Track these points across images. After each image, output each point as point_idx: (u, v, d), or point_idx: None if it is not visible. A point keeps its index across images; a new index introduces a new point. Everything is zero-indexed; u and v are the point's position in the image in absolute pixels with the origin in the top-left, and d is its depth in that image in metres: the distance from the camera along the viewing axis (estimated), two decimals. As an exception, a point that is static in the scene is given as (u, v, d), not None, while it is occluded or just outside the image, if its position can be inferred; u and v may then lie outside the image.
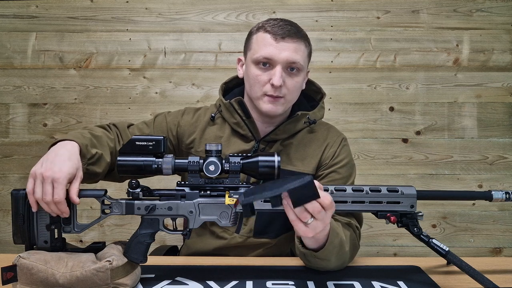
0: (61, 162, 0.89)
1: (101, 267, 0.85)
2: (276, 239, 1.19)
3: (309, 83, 1.24)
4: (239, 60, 1.17)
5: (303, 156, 1.15)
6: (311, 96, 1.25)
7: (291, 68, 1.06)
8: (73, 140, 0.95)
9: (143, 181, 0.94)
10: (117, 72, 2.08)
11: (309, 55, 1.12)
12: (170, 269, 1.03)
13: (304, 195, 0.77)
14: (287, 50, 1.03)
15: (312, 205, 0.78)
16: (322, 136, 1.19)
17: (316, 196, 0.77)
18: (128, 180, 0.93)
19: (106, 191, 0.95)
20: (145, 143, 0.90)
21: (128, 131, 1.19)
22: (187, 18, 2.07)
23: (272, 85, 1.04)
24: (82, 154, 0.95)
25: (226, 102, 1.16)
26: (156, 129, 1.21)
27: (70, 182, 0.90)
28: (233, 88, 1.25)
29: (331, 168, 1.15)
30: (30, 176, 0.88)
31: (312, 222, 0.79)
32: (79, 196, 0.93)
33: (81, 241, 2.09)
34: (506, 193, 0.94)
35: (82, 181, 0.95)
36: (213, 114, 1.19)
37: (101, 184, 2.23)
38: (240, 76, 1.17)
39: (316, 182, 0.82)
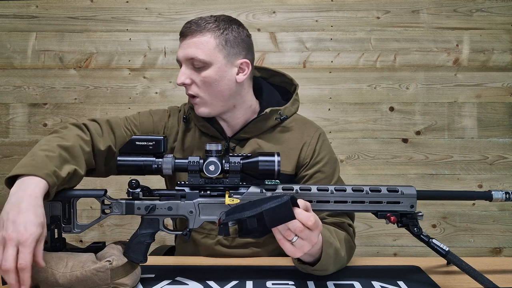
0: (26, 220, 0.75)
1: (101, 267, 0.85)
2: (262, 239, 1.17)
3: (281, 75, 1.20)
4: None
5: (281, 156, 1.12)
6: (286, 89, 1.21)
7: (194, 64, 1.03)
8: (37, 176, 0.82)
9: (143, 181, 0.94)
10: (117, 72, 2.08)
11: (222, 45, 1.03)
12: (170, 269, 1.03)
13: (280, 215, 0.77)
14: (187, 48, 1.02)
15: (293, 224, 0.78)
16: (298, 134, 1.14)
17: (291, 217, 0.77)
18: (128, 180, 0.93)
19: (106, 191, 0.95)
20: (145, 143, 0.90)
21: (122, 125, 1.13)
22: (187, 18, 2.04)
23: (177, 83, 1.05)
24: (48, 193, 0.84)
25: (189, 107, 1.17)
26: (142, 127, 1.16)
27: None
28: None
29: (314, 168, 1.11)
30: None
31: (298, 241, 0.79)
32: (79, 196, 0.92)
33: (81, 241, 2.09)
34: (506, 193, 0.94)
35: None
36: (185, 116, 1.18)
37: (101, 184, 2.23)
38: None
39: (302, 202, 0.82)
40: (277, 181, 0.90)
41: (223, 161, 0.90)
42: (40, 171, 0.83)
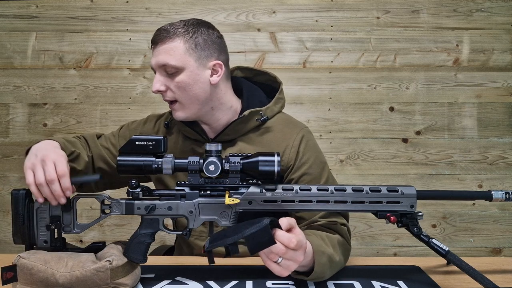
0: (52, 148, 0.94)
1: (101, 267, 0.85)
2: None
3: (264, 74, 1.19)
4: None
5: None
6: (271, 86, 1.19)
7: (167, 70, 1.03)
8: (49, 140, 1.00)
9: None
10: (117, 72, 2.08)
11: (192, 49, 1.02)
12: (170, 269, 1.03)
13: (261, 240, 0.77)
14: (158, 55, 1.03)
15: (275, 247, 0.78)
16: (279, 136, 1.10)
17: (271, 242, 0.77)
18: (128, 180, 0.93)
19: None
20: (145, 143, 0.90)
21: (98, 141, 1.18)
22: (187, 18, 2.06)
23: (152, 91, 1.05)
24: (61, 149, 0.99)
25: (168, 112, 1.17)
26: (120, 139, 1.19)
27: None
28: None
29: (299, 170, 1.07)
30: (27, 169, 0.90)
31: (283, 262, 0.80)
32: (79, 196, 0.93)
33: (81, 241, 2.09)
34: (506, 193, 0.94)
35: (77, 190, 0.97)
36: (166, 122, 1.18)
37: (101, 184, 2.21)
38: None
39: (284, 221, 0.81)
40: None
41: (223, 161, 0.90)
42: (52, 139, 1.02)
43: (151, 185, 1.06)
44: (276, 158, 0.88)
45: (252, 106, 1.11)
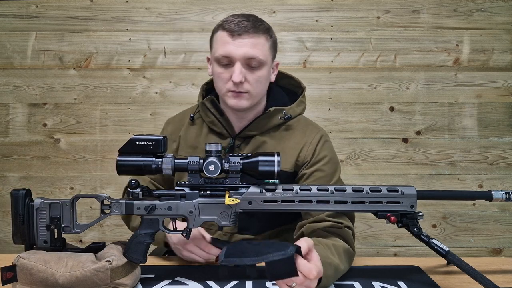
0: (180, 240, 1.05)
1: (101, 267, 0.85)
2: (261, 236, 1.18)
3: (289, 78, 1.24)
4: (208, 59, 1.19)
5: (281, 153, 1.11)
6: (293, 91, 1.25)
7: (251, 63, 1.06)
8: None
9: (143, 181, 0.94)
10: (117, 72, 2.08)
11: (273, 46, 1.12)
12: (170, 269, 1.03)
13: (283, 270, 0.74)
14: (244, 46, 1.04)
15: (295, 278, 0.76)
16: (299, 134, 1.17)
17: (293, 273, 0.74)
18: (128, 180, 0.93)
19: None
20: (145, 143, 0.90)
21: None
22: (187, 18, 2.07)
23: (233, 81, 1.06)
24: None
25: (200, 102, 1.19)
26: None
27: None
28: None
29: (313, 166, 1.13)
30: (190, 258, 1.05)
31: (297, 287, 0.78)
32: (79, 196, 0.92)
33: (81, 241, 2.09)
34: (506, 193, 0.94)
35: None
36: (191, 115, 1.22)
37: (101, 184, 2.23)
38: (209, 74, 1.19)
39: (304, 245, 0.78)
40: (277, 180, 0.89)
41: (223, 161, 0.90)
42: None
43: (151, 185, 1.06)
44: (276, 158, 0.88)
45: (276, 105, 1.17)
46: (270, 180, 0.89)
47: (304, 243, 0.80)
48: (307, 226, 1.06)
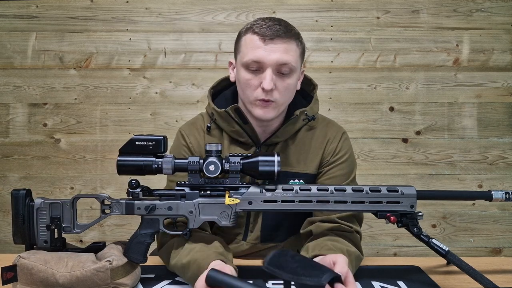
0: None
1: (101, 267, 0.85)
2: (283, 243, 1.19)
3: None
4: (230, 63, 1.11)
5: (305, 156, 1.13)
6: (302, 89, 1.20)
7: (282, 70, 1.00)
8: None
9: (143, 181, 0.94)
10: (117, 72, 2.08)
11: (302, 54, 1.07)
12: (170, 269, 1.02)
13: None
14: (277, 52, 0.98)
15: None
16: (322, 133, 1.15)
17: None
18: (128, 180, 0.93)
19: None
20: (145, 143, 0.90)
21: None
22: (187, 18, 2.07)
23: (263, 89, 0.99)
24: None
25: (221, 111, 1.08)
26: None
27: None
28: (221, 90, 1.20)
29: (332, 164, 1.12)
30: None
31: None
32: (80, 196, 0.92)
33: (81, 241, 2.09)
34: (506, 193, 0.94)
35: None
36: (208, 125, 1.12)
37: (101, 184, 2.23)
38: (232, 80, 1.12)
39: (343, 271, 0.79)
40: (301, 181, 0.89)
41: (223, 161, 0.90)
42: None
43: (151, 185, 1.05)
44: (276, 158, 0.88)
45: (296, 107, 1.12)
46: (296, 180, 0.89)
47: (341, 268, 0.80)
48: (316, 225, 1.05)
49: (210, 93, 1.17)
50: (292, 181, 0.90)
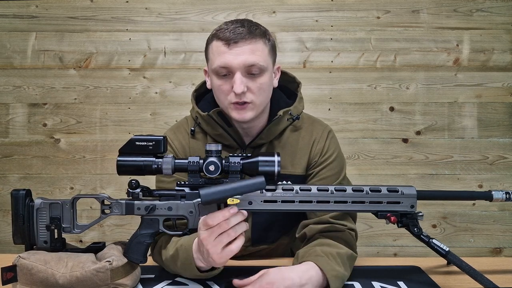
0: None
1: (101, 268, 0.85)
2: (275, 244, 1.18)
3: (283, 73, 1.18)
4: (205, 71, 1.12)
5: (292, 157, 1.12)
6: (287, 87, 1.20)
7: (252, 71, 0.99)
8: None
9: (143, 181, 0.94)
10: (117, 72, 2.08)
11: (272, 50, 1.05)
12: (170, 269, 1.02)
13: None
14: (243, 54, 0.98)
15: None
16: (307, 132, 1.14)
17: None
18: (128, 180, 0.93)
19: None
20: (145, 143, 0.90)
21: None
22: (187, 18, 2.07)
23: (235, 92, 0.99)
24: None
25: (204, 115, 1.09)
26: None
27: None
28: (204, 93, 1.19)
29: (321, 165, 1.11)
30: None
31: None
32: (79, 196, 0.92)
33: (81, 241, 2.09)
34: (506, 193, 0.94)
35: None
36: (192, 128, 1.13)
37: (101, 184, 2.23)
38: (208, 87, 1.12)
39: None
40: (289, 183, 0.91)
41: (223, 161, 0.90)
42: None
43: (151, 185, 1.05)
44: (276, 158, 0.88)
45: (280, 107, 1.11)
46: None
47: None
48: (309, 228, 1.05)
49: (194, 96, 1.17)
50: (279, 183, 0.89)
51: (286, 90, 1.20)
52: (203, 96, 1.18)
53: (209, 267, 0.92)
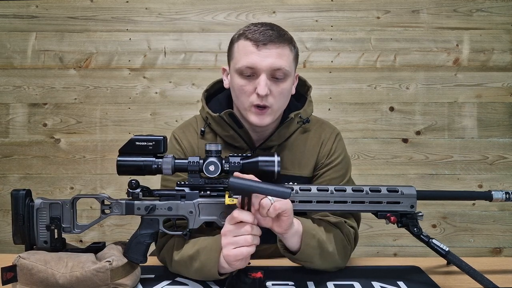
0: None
1: (101, 268, 0.85)
2: (269, 244, 1.18)
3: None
4: (224, 70, 1.11)
5: (300, 159, 1.12)
6: (297, 90, 1.19)
7: (276, 75, 0.99)
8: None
9: (143, 181, 0.94)
10: (117, 72, 2.08)
11: (296, 58, 1.06)
12: (170, 269, 1.02)
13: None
14: (270, 57, 0.98)
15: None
16: (316, 134, 1.15)
17: None
18: (128, 180, 0.93)
19: None
20: (145, 143, 0.90)
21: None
22: (187, 18, 2.07)
23: (258, 94, 0.98)
24: None
25: (215, 116, 1.08)
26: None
27: None
28: (215, 93, 1.19)
29: (327, 167, 1.11)
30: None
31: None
32: (79, 196, 0.92)
33: (81, 241, 2.09)
34: (506, 193, 0.94)
35: None
36: (202, 129, 1.12)
37: (101, 184, 2.23)
38: (226, 86, 1.11)
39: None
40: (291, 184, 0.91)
41: (223, 161, 0.90)
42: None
43: (151, 185, 1.06)
44: (276, 158, 0.88)
45: (290, 110, 1.11)
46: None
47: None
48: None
49: (204, 96, 1.16)
50: (286, 184, 0.90)
51: (295, 93, 1.19)
52: (213, 96, 1.18)
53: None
